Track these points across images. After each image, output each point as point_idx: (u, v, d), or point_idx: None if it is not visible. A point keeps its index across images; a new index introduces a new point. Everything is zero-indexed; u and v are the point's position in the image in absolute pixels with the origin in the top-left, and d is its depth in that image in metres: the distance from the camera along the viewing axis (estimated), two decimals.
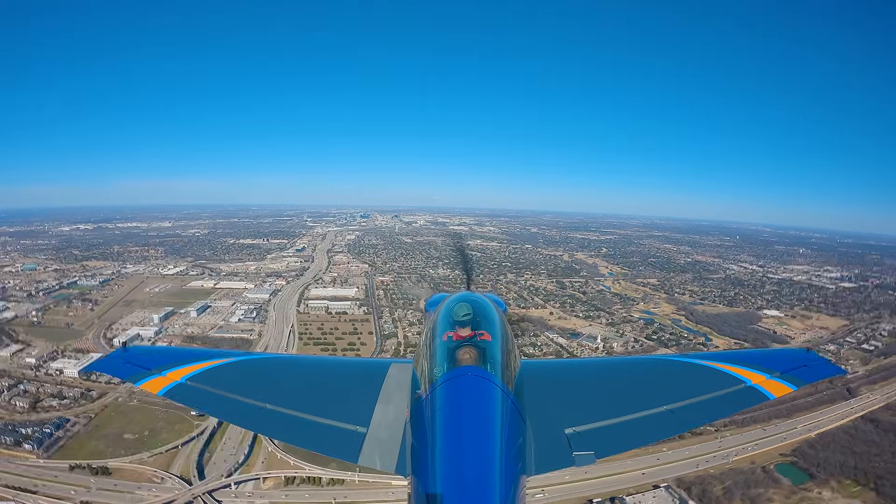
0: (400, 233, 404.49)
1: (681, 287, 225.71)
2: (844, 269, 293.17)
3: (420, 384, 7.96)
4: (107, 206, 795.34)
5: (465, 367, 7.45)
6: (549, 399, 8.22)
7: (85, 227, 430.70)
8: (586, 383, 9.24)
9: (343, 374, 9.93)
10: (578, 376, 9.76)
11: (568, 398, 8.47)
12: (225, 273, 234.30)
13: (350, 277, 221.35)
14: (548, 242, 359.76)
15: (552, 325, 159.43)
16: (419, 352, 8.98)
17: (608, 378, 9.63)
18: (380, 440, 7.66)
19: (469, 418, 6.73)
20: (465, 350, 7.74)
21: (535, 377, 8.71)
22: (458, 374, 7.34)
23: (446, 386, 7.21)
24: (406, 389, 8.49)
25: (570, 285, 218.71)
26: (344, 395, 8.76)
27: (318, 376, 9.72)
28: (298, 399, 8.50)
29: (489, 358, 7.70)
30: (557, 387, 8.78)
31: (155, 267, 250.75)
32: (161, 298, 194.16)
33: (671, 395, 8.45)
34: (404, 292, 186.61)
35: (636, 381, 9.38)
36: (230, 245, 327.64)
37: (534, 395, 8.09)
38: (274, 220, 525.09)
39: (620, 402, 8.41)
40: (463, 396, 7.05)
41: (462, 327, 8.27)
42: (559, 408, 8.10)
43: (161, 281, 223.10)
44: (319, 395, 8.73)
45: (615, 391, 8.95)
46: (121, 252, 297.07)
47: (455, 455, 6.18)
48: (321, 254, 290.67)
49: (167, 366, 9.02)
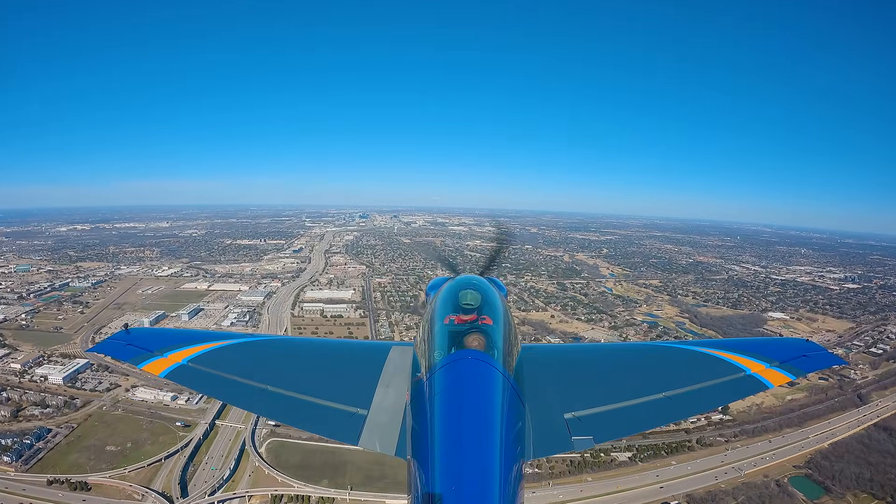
0: (399, 233, 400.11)
1: (683, 288, 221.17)
2: (847, 270, 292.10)
3: (420, 367, 7.84)
4: (105, 207, 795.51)
5: (466, 351, 7.34)
6: (548, 384, 8.14)
7: (82, 228, 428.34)
8: (586, 368, 9.17)
9: (344, 356, 9.98)
10: (578, 361, 9.64)
11: (567, 383, 8.39)
12: (220, 275, 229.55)
13: (347, 279, 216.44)
14: (548, 243, 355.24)
15: (553, 329, 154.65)
16: (420, 334, 8.77)
17: (608, 364, 9.57)
18: (380, 423, 7.56)
19: (469, 402, 6.64)
20: (465, 334, 7.61)
21: (536, 362, 8.57)
22: (459, 358, 7.24)
23: (447, 369, 7.13)
24: (407, 372, 8.36)
25: (571, 287, 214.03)
26: (345, 377, 8.73)
27: (319, 359, 9.75)
28: (299, 381, 8.44)
29: (490, 342, 7.57)
30: (557, 371, 8.71)
31: (149, 268, 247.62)
32: (153, 301, 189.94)
33: (671, 381, 8.37)
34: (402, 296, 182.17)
35: (636, 368, 9.28)
36: (227, 246, 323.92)
37: (534, 380, 7.99)
38: (272, 221, 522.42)
39: (620, 387, 8.32)
40: (463, 380, 6.96)
41: (463, 311, 8.17)
42: (559, 392, 8.01)
43: (154, 283, 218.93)
44: (320, 377, 8.73)
45: (615, 377, 8.91)
46: (116, 253, 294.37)
47: (455, 438, 6.12)
48: (318, 255, 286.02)
49: (169, 348, 8.99)
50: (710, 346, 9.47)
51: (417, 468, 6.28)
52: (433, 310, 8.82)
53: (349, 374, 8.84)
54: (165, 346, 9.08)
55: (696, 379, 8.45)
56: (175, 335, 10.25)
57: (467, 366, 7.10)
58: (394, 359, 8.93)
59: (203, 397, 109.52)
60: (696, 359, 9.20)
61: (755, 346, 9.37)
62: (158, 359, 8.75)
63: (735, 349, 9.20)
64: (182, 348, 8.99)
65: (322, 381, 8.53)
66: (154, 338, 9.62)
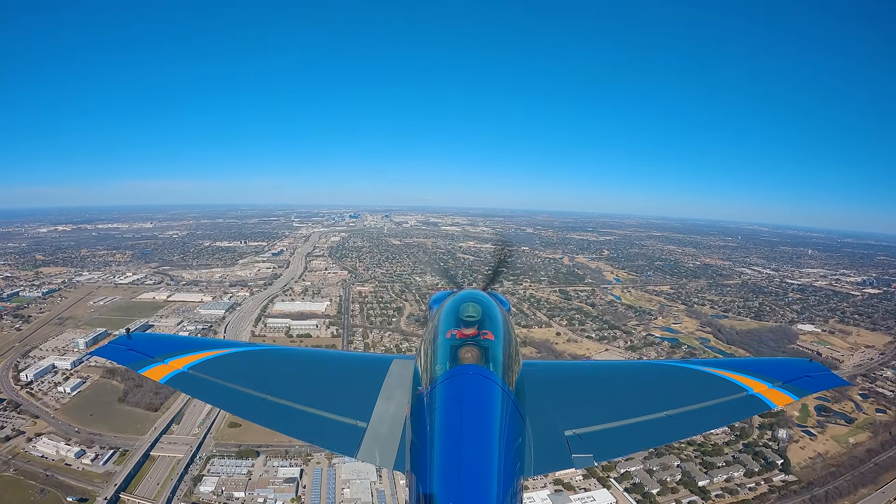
0: (388, 234, 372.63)
1: (698, 296, 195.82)
2: (861, 272, 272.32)
3: (422, 381, 7.67)
4: (97, 207, 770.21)
5: (467, 366, 7.23)
6: (549, 400, 7.98)
7: (63, 229, 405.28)
8: (587, 386, 8.93)
9: (345, 368, 9.66)
10: (579, 378, 9.39)
11: (568, 400, 8.23)
12: (185, 282, 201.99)
13: (325, 287, 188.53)
14: (545, 244, 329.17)
15: (561, 351, 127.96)
16: (421, 348, 8.52)
17: (609, 381, 9.30)
18: (379, 435, 7.40)
19: (469, 416, 6.49)
20: (467, 348, 7.50)
21: (537, 378, 8.35)
22: (460, 372, 7.13)
23: (448, 384, 7.00)
24: (407, 385, 8.14)
25: (575, 295, 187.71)
26: (345, 389, 8.48)
27: (319, 370, 9.47)
28: (299, 391, 8.27)
29: (491, 357, 7.47)
30: (558, 388, 8.49)
31: (112, 274, 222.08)
32: (101, 315, 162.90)
33: (672, 400, 8.20)
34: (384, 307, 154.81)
35: (637, 386, 9.03)
36: (204, 248, 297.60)
37: (534, 396, 7.82)
38: (260, 221, 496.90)
39: (621, 405, 8.14)
40: (464, 394, 6.82)
41: (466, 326, 8.01)
42: (559, 409, 7.86)
43: (111, 292, 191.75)
44: (320, 388, 8.47)
45: (616, 395, 8.68)
46: (86, 256, 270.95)
47: (454, 453, 6.00)
48: (299, 258, 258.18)
49: (170, 354, 8.83)
50: (713, 365, 9.24)
51: (416, 482, 6.12)
52: (435, 324, 8.55)
53: (350, 386, 8.54)
54: (167, 352, 8.84)
55: (698, 398, 8.18)
56: (177, 342, 10.14)
57: (468, 381, 6.97)
58: (395, 372, 8.60)
59: (113, 454, 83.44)
60: (698, 378, 8.88)
61: (758, 366, 9.11)
62: (159, 365, 8.53)
63: (737, 369, 8.96)
64: (183, 355, 8.75)
65: (322, 392, 8.24)
66: (156, 343, 9.36)
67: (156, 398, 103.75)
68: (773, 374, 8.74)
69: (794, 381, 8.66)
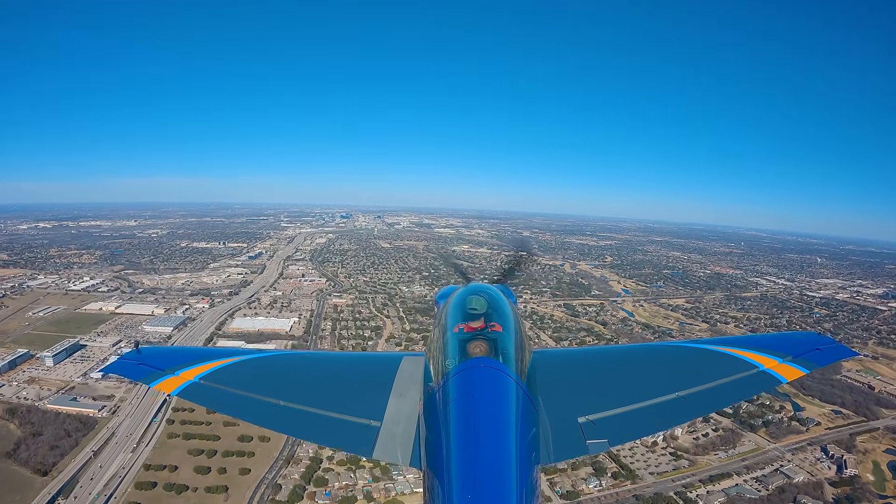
0: (378, 236, 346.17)
1: (718, 312, 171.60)
2: (877, 283, 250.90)
3: (432, 376, 7.56)
4: (89, 203, 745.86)
5: (478, 359, 7.08)
6: (561, 388, 7.84)
7: (44, 226, 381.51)
8: (598, 371, 8.78)
9: (355, 368, 9.51)
10: (590, 364, 9.26)
11: (580, 387, 8.09)
12: (143, 289, 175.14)
13: (297, 298, 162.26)
14: (544, 248, 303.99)
15: None
16: (431, 344, 8.48)
17: (620, 366, 9.16)
18: (394, 434, 7.27)
19: (482, 409, 6.37)
20: (476, 342, 7.36)
21: (547, 366, 8.25)
22: (471, 366, 7.00)
23: (459, 378, 6.88)
24: (419, 382, 8.03)
25: (582, 310, 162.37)
26: (357, 389, 8.33)
27: (330, 372, 9.34)
28: (311, 395, 8.12)
29: (501, 349, 7.34)
30: (569, 375, 8.35)
31: (68, 279, 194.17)
32: (35, 329, 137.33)
33: (684, 381, 8.06)
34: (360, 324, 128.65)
35: (648, 368, 8.88)
36: (179, 249, 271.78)
37: (546, 385, 7.70)
38: (248, 220, 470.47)
39: (633, 389, 7.97)
40: (476, 388, 6.69)
41: (473, 319, 7.87)
42: (571, 396, 7.72)
43: (58, 300, 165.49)
44: (332, 390, 8.32)
45: (627, 379, 8.53)
46: (53, 256, 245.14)
47: (469, 447, 5.90)
48: (276, 262, 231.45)
49: (180, 366, 8.70)
50: (722, 343, 9.05)
51: (433, 478, 6.05)
52: (443, 319, 8.46)
53: (361, 386, 8.38)
54: (177, 364, 8.69)
55: (709, 377, 8.07)
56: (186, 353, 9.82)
57: (479, 373, 6.86)
58: (405, 369, 8.46)
59: None
60: (708, 357, 8.78)
61: (766, 342, 8.88)
62: (170, 377, 8.39)
63: (746, 345, 8.78)
64: (193, 366, 8.61)
65: (334, 394, 8.11)
66: (165, 356, 9.26)
67: (50, 453, 77.93)
68: (783, 349, 8.51)
69: (803, 354, 8.41)
